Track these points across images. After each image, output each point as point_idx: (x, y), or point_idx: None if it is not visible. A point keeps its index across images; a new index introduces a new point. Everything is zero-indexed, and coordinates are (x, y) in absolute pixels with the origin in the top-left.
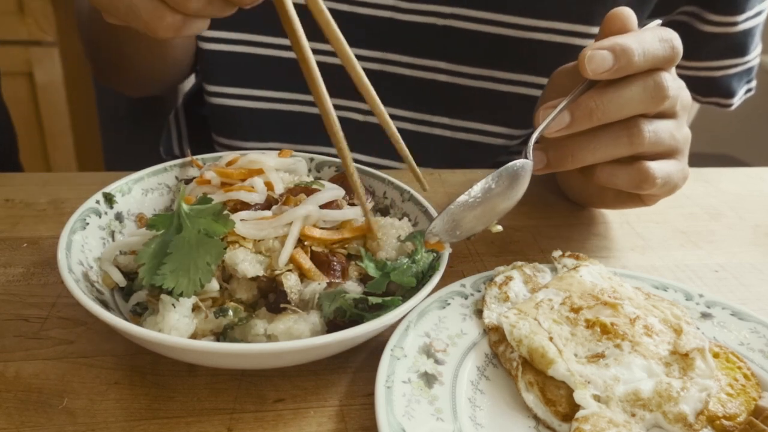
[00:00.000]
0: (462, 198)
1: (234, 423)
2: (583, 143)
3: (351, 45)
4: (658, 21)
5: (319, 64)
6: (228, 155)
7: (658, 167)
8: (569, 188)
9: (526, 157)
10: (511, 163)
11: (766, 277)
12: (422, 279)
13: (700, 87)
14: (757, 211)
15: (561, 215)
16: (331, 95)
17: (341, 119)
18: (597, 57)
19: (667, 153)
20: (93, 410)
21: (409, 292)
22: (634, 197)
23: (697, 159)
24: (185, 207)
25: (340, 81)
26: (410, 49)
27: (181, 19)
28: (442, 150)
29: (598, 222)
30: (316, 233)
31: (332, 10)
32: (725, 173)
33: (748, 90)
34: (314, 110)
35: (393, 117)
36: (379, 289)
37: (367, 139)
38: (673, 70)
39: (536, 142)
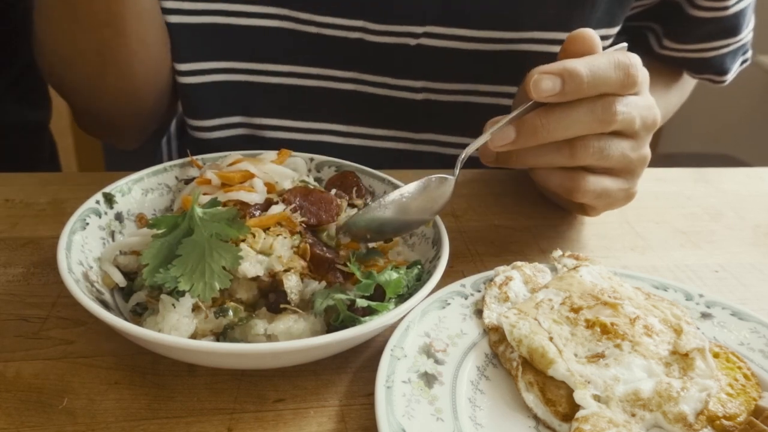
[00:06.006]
0: (374, 205)
1: (234, 423)
2: (528, 147)
3: (323, 66)
4: (625, 45)
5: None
6: (231, 156)
7: (594, 181)
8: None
9: (456, 169)
10: (426, 178)
11: (766, 277)
12: (420, 279)
13: (692, 66)
14: (757, 211)
15: (561, 215)
16: (307, 119)
17: (318, 143)
18: (544, 82)
19: (615, 170)
20: (93, 410)
21: (403, 296)
22: (578, 204)
23: (697, 159)
24: (198, 211)
25: (317, 104)
26: (384, 70)
27: None
28: (430, 166)
29: (598, 222)
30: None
31: (300, 32)
32: (725, 173)
33: (744, 61)
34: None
35: (373, 137)
36: (366, 292)
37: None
38: (643, 89)
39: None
